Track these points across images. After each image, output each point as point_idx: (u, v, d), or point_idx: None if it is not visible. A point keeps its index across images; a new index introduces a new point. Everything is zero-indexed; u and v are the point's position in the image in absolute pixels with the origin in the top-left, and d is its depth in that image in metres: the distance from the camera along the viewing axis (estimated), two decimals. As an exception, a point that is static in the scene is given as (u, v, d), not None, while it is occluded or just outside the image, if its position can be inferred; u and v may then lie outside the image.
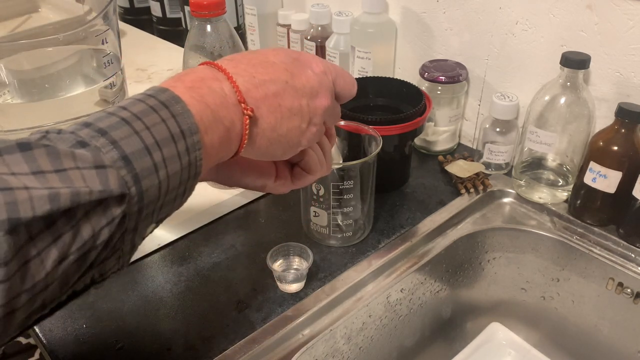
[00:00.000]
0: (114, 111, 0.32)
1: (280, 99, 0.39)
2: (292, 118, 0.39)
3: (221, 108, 0.35)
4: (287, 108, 0.39)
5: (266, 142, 0.39)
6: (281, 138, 0.39)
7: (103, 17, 0.55)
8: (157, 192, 0.32)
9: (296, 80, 0.40)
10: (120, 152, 0.29)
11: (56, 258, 0.27)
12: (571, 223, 0.68)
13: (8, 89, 0.56)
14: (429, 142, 0.81)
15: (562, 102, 0.64)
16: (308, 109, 0.40)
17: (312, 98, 0.41)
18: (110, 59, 0.58)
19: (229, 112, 0.36)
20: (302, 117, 0.40)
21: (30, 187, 0.26)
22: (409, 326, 0.68)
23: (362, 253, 0.63)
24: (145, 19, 1.21)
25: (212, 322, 0.55)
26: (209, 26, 0.61)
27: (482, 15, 0.73)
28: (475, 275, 0.73)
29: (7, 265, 0.25)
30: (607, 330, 0.67)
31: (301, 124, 0.40)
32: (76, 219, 0.28)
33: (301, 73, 0.40)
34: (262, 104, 0.38)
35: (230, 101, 0.36)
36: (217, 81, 0.36)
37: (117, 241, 0.31)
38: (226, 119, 0.36)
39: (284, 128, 0.39)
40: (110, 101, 0.59)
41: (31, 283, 0.26)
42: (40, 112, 0.56)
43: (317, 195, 0.61)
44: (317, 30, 0.90)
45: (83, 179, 0.28)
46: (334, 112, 0.44)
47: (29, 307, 0.27)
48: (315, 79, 0.41)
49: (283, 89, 0.39)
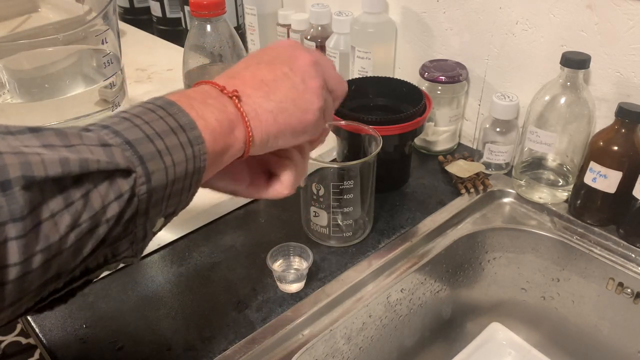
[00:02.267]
0: (115, 114, 0.34)
1: (261, 74, 0.40)
2: (283, 81, 0.40)
3: (207, 98, 0.37)
4: (271, 78, 0.40)
5: (272, 119, 0.39)
6: (283, 105, 0.40)
7: (103, 17, 0.55)
8: (164, 177, 0.33)
9: (281, 58, 0.42)
10: (123, 139, 0.31)
11: (69, 224, 0.28)
12: (571, 223, 0.68)
13: (8, 88, 0.56)
14: (429, 142, 0.81)
15: (562, 102, 0.64)
16: (294, 72, 0.41)
17: (304, 79, 0.41)
18: (110, 59, 0.58)
19: (215, 100, 0.37)
20: (293, 81, 0.41)
21: (41, 154, 0.28)
22: (409, 326, 0.68)
23: (362, 253, 0.63)
24: (145, 19, 1.21)
25: (212, 322, 0.55)
26: (209, 26, 0.61)
27: (482, 15, 0.73)
28: (475, 275, 0.73)
29: (24, 220, 0.26)
30: (607, 330, 0.67)
31: (293, 84, 0.41)
32: (86, 188, 0.29)
33: (287, 54, 0.42)
34: (243, 82, 0.39)
35: (213, 92, 0.38)
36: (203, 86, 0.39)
37: (129, 222, 0.32)
38: (215, 106, 0.37)
39: (280, 94, 0.40)
40: (110, 101, 0.59)
41: (45, 243, 0.27)
42: (40, 112, 0.56)
43: (317, 195, 0.61)
44: (317, 30, 0.90)
45: (90, 152, 0.30)
46: (328, 105, 0.45)
47: (44, 273, 0.28)
48: (304, 63, 0.42)
49: (258, 64, 0.41)
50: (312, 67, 0.42)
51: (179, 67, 0.65)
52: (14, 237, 0.26)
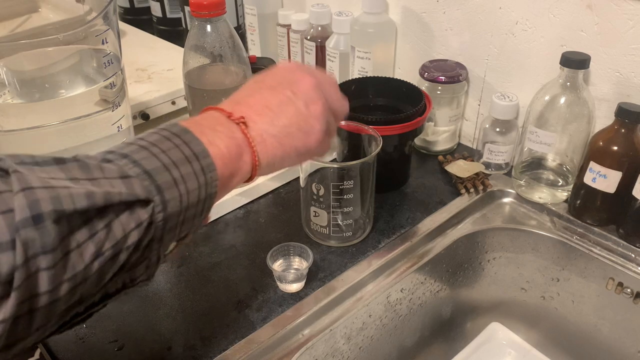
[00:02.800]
0: (132, 141, 0.36)
1: (265, 100, 0.42)
2: (287, 106, 0.42)
3: (216, 125, 0.39)
4: (276, 104, 0.42)
5: (277, 143, 0.41)
6: (288, 130, 0.41)
7: (103, 17, 0.55)
8: (179, 205, 0.34)
9: (285, 85, 0.43)
10: (142, 169, 0.33)
11: (93, 252, 0.30)
12: (571, 223, 0.68)
13: (8, 89, 0.56)
14: (429, 142, 0.81)
15: (562, 102, 0.65)
16: (304, 110, 0.43)
17: (306, 103, 0.43)
18: (110, 59, 0.58)
19: (224, 127, 0.39)
20: (296, 105, 0.42)
21: (69, 187, 0.29)
22: (409, 326, 0.68)
23: (362, 253, 0.63)
24: (145, 19, 1.20)
25: (212, 322, 0.55)
26: (209, 26, 0.61)
27: (482, 15, 0.73)
28: (475, 275, 0.73)
29: (54, 252, 0.28)
30: (607, 330, 0.67)
31: (297, 108, 0.42)
32: (109, 218, 0.31)
33: (290, 79, 0.43)
34: (248, 108, 0.41)
35: (221, 119, 0.39)
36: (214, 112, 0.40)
37: (146, 248, 0.33)
38: (224, 132, 0.38)
39: (284, 119, 0.41)
40: (111, 101, 0.59)
41: (72, 273, 0.29)
42: (40, 112, 0.56)
43: (317, 195, 0.61)
44: (317, 30, 0.90)
45: (111, 185, 0.31)
46: (330, 125, 0.46)
47: (69, 299, 0.30)
48: (307, 88, 0.43)
49: (261, 89, 0.43)
50: (314, 91, 0.43)
51: (179, 67, 0.65)
52: (45, 268, 0.28)
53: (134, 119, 0.79)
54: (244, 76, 0.65)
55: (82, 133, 0.59)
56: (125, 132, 0.63)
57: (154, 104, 0.82)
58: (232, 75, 0.65)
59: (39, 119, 0.56)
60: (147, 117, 0.81)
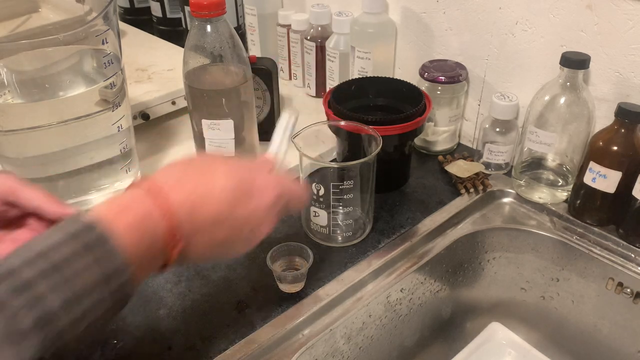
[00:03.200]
0: (43, 251, 0.31)
1: (215, 234, 0.39)
2: (233, 239, 0.41)
3: (152, 244, 0.36)
4: (221, 239, 0.40)
5: (205, 256, 0.41)
6: (221, 249, 0.41)
7: (103, 18, 0.55)
8: (75, 334, 0.31)
9: (238, 213, 0.40)
10: (41, 313, 0.29)
11: None
12: (571, 223, 0.68)
13: (8, 89, 0.56)
14: (429, 142, 0.81)
15: (562, 102, 0.65)
16: (247, 234, 0.42)
17: (253, 228, 0.42)
18: (111, 59, 0.58)
19: (158, 246, 0.36)
20: (242, 232, 0.41)
21: None
22: (408, 326, 0.68)
23: (362, 253, 0.63)
24: (146, 19, 1.20)
25: (212, 322, 0.55)
26: (209, 26, 0.61)
27: (482, 15, 0.73)
28: (475, 275, 0.73)
29: None
30: (607, 330, 0.67)
31: (241, 234, 0.41)
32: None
33: (247, 205, 0.41)
34: (193, 237, 0.38)
35: (160, 233, 0.36)
36: (151, 216, 0.36)
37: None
38: (155, 247, 0.36)
39: (223, 239, 0.40)
40: (111, 101, 0.59)
41: None
42: (40, 112, 0.56)
43: (317, 195, 0.61)
44: (317, 30, 0.90)
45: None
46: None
47: None
48: (262, 211, 0.42)
49: (220, 223, 0.39)
50: (271, 209, 0.42)
51: (179, 67, 0.65)
52: None
53: (134, 119, 0.79)
54: (244, 76, 0.65)
55: (82, 133, 0.59)
56: (126, 132, 0.63)
57: (154, 104, 0.82)
58: (232, 76, 0.65)
59: (39, 119, 0.56)
60: (147, 117, 0.81)
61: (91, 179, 0.62)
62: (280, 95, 0.91)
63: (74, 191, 0.62)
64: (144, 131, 0.83)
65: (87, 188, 0.62)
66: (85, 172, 0.61)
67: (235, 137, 0.66)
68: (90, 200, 0.63)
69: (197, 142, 0.69)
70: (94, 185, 0.63)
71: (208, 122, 0.65)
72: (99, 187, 0.63)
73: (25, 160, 0.59)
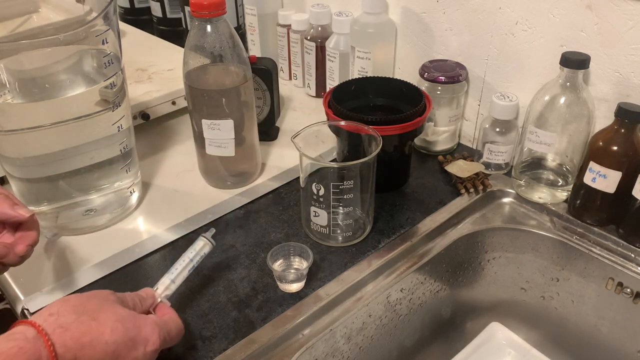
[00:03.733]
0: None
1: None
2: None
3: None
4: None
5: None
6: None
7: (103, 18, 0.55)
8: None
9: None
10: None
11: None
12: (571, 223, 0.68)
13: (8, 89, 0.56)
14: (429, 142, 0.81)
15: (562, 102, 0.65)
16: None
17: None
18: (111, 59, 0.58)
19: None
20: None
21: None
22: (408, 326, 0.68)
23: (362, 253, 0.63)
24: (146, 19, 1.21)
25: (212, 321, 0.55)
26: (209, 26, 0.61)
27: (482, 15, 0.73)
28: (475, 275, 0.73)
29: None
30: (606, 330, 0.68)
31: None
32: None
33: (129, 354, 0.43)
34: None
35: None
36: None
37: None
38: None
39: None
40: (111, 101, 0.59)
41: None
42: (40, 112, 0.56)
43: (317, 195, 0.61)
44: (317, 30, 0.90)
45: None
46: None
47: None
48: (147, 357, 0.44)
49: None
50: (153, 355, 0.45)
51: (180, 67, 0.65)
52: None
53: (134, 119, 0.79)
54: (244, 76, 0.65)
55: (82, 133, 0.59)
56: (126, 132, 0.63)
57: (154, 104, 0.82)
58: (232, 76, 0.65)
59: (39, 119, 0.56)
60: (147, 117, 0.81)
61: (91, 179, 0.62)
62: (280, 95, 0.91)
63: (74, 191, 0.62)
64: (144, 131, 0.83)
65: (87, 188, 0.63)
66: (85, 172, 0.61)
67: (235, 137, 0.66)
68: (91, 200, 0.63)
69: (197, 142, 0.69)
70: (94, 185, 0.63)
71: (208, 122, 0.65)
72: (99, 187, 0.63)
73: (25, 160, 0.59)
